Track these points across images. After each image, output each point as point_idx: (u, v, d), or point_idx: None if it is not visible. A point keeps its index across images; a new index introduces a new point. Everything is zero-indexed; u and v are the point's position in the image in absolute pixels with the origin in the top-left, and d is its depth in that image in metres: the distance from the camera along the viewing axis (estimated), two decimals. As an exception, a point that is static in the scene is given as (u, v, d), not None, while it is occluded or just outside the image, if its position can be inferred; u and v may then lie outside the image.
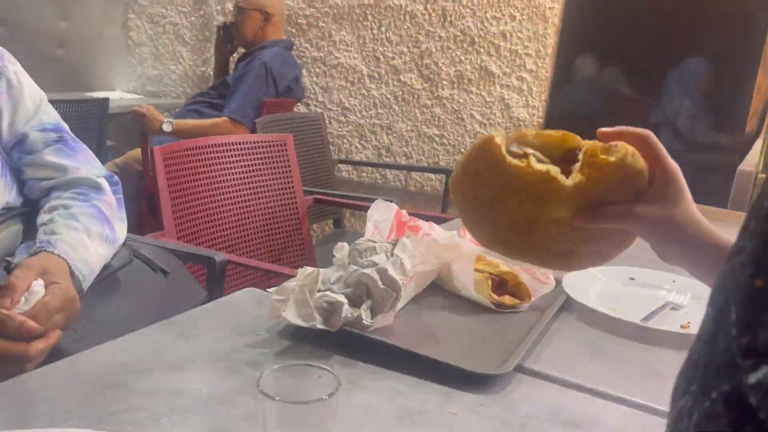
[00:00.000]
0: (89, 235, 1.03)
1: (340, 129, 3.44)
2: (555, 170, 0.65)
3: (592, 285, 1.10)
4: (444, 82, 3.15)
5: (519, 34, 2.98)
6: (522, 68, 3.00)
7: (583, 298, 1.03)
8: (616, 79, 2.98)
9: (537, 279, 1.08)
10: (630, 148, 0.65)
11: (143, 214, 2.69)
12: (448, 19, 3.10)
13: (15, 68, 1.10)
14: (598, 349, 0.92)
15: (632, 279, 1.16)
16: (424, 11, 3.16)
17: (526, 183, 0.65)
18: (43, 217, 1.04)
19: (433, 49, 3.15)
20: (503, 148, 0.66)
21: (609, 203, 0.66)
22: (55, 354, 0.87)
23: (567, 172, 0.65)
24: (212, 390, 0.74)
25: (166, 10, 3.92)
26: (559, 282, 1.09)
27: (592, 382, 0.81)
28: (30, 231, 1.05)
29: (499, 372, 0.79)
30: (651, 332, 0.94)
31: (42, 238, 0.98)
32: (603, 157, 0.64)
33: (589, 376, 0.82)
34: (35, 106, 1.11)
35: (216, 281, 1.27)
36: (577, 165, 0.65)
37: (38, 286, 0.86)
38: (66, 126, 1.15)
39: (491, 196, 0.68)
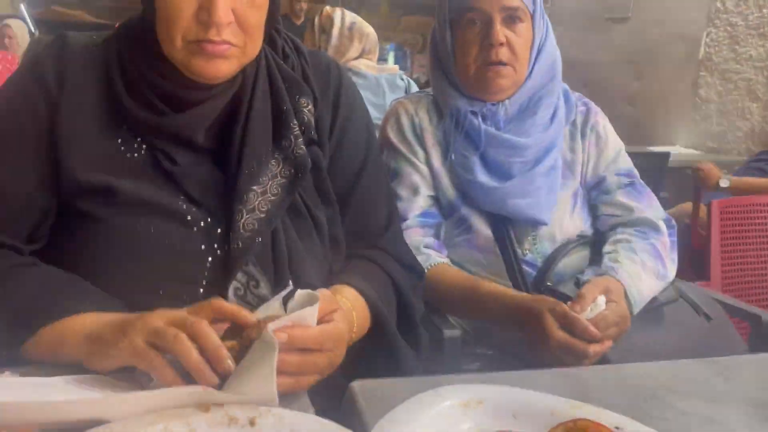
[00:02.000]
0: (644, 268, 1.17)
1: None
2: None
3: None
4: None
5: None
6: None
7: None
8: None
9: None
10: None
11: (685, 266, 2.71)
12: None
13: (604, 123, 1.34)
14: None
15: None
16: None
17: None
18: (608, 247, 1.23)
19: None
20: None
21: None
22: (602, 359, 1.03)
23: None
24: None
25: (741, 66, 3.82)
26: None
27: None
28: (595, 257, 1.26)
29: None
30: None
31: (606, 263, 1.17)
32: None
33: None
34: (615, 154, 1.31)
35: (764, 339, 1.23)
36: None
37: (601, 300, 1.05)
38: (636, 173, 1.33)
39: None
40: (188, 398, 0.62)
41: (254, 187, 0.85)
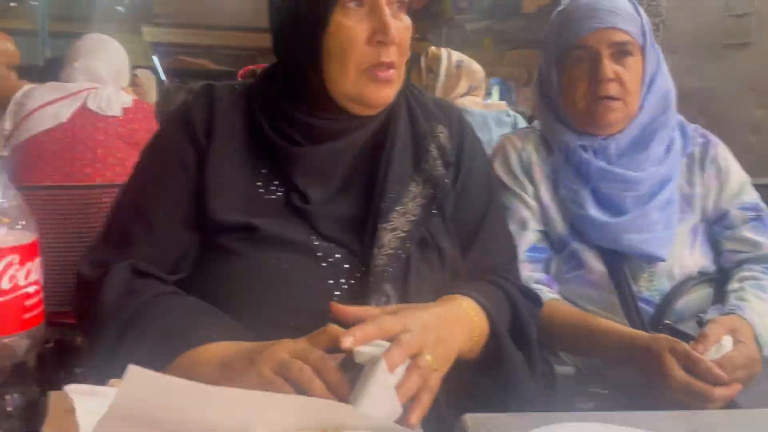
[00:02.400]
0: (776, 307, 1.10)
1: None
2: None
3: None
4: None
5: None
6: None
7: None
8: None
9: None
10: None
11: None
12: None
13: (725, 155, 1.28)
14: None
15: None
16: None
17: None
18: (733, 285, 1.17)
19: None
20: None
21: None
22: (730, 404, 0.97)
23: None
24: None
25: None
26: None
27: None
28: (719, 295, 1.20)
29: None
30: None
31: (732, 302, 1.11)
32: None
33: None
34: (738, 187, 1.26)
35: None
36: None
37: (727, 341, 0.99)
38: (764, 206, 1.26)
39: None
40: (323, 408, 0.66)
41: (397, 208, 0.90)
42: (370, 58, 0.86)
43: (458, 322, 0.83)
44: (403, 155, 0.93)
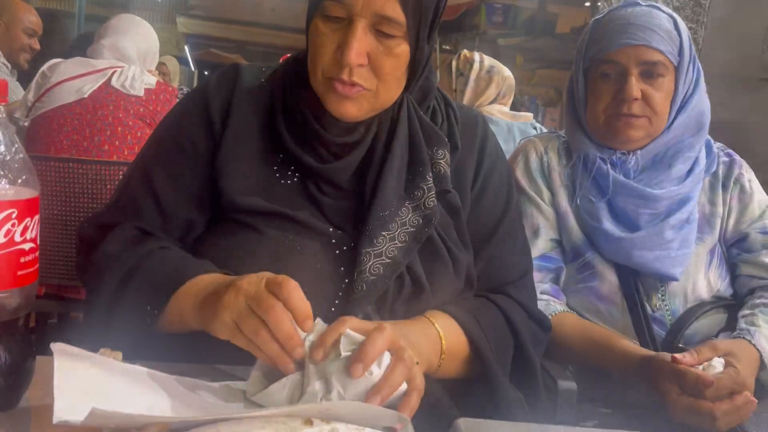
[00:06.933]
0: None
1: None
2: None
3: None
4: None
5: None
6: None
7: None
8: None
9: None
10: None
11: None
12: None
13: (749, 176, 1.25)
14: None
15: None
16: None
17: None
18: (745, 311, 1.13)
19: None
20: None
21: None
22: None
23: None
24: None
25: None
26: None
27: None
28: (731, 322, 1.16)
29: None
30: None
31: (741, 326, 1.08)
32: None
33: None
34: (761, 211, 1.22)
35: None
36: None
37: (718, 363, 0.98)
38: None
39: None
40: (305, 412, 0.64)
41: (383, 233, 0.87)
42: (332, 69, 0.84)
43: (426, 338, 0.83)
44: (394, 179, 0.90)
